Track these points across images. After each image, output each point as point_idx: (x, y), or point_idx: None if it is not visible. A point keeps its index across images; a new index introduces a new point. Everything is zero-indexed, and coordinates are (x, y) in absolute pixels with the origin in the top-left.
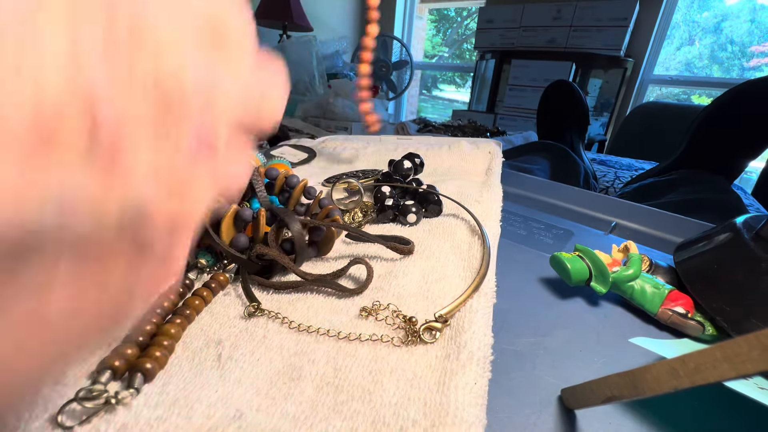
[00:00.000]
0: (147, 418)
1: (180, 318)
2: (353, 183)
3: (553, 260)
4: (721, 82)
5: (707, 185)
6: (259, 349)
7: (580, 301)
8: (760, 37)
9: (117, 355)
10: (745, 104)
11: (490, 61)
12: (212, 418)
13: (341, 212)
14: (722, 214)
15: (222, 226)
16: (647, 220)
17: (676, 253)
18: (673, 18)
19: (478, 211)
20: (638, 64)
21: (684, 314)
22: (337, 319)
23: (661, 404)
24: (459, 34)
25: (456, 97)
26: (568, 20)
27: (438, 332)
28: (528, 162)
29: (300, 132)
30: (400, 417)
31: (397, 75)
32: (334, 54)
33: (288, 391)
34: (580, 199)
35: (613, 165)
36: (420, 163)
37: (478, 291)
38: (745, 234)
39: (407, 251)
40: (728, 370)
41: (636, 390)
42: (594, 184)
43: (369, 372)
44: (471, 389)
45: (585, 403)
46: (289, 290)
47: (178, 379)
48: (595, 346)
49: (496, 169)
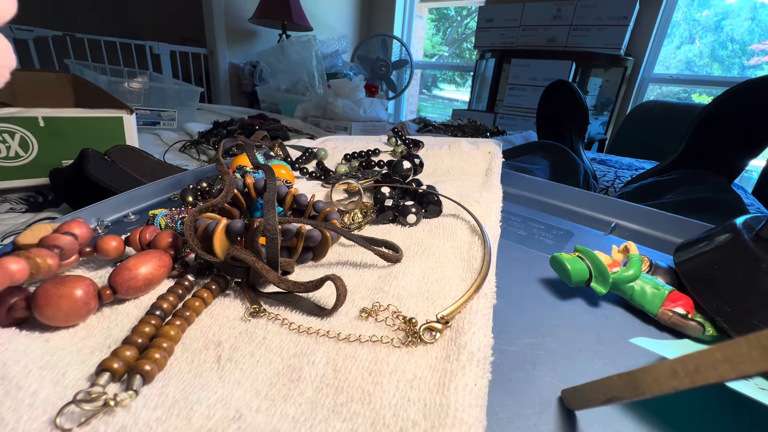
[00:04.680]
0: (146, 420)
1: (179, 319)
2: (353, 184)
3: (553, 261)
4: (722, 81)
5: (707, 185)
6: (259, 351)
7: (580, 302)
8: (760, 36)
9: (116, 357)
10: (745, 103)
11: (490, 60)
12: (212, 420)
13: (340, 214)
14: (722, 215)
15: (215, 241)
16: (647, 221)
17: (676, 254)
18: (673, 16)
19: (477, 212)
20: (638, 62)
21: (684, 315)
22: (337, 320)
23: (662, 405)
24: (459, 33)
25: (456, 96)
26: (568, 19)
27: (438, 333)
28: (528, 162)
29: (300, 132)
30: (400, 418)
31: (397, 74)
32: (333, 54)
33: (288, 393)
34: (580, 200)
35: (613, 164)
36: (420, 164)
37: (478, 292)
38: (746, 235)
39: (395, 259)
40: (728, 371)
41: (636, 391)
42: (594, 183)
43: (369, 373)
44: (471, 390)
45: (585, 403)
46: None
47: (177, 380)
48: (595, 347)
49: (496, 170)
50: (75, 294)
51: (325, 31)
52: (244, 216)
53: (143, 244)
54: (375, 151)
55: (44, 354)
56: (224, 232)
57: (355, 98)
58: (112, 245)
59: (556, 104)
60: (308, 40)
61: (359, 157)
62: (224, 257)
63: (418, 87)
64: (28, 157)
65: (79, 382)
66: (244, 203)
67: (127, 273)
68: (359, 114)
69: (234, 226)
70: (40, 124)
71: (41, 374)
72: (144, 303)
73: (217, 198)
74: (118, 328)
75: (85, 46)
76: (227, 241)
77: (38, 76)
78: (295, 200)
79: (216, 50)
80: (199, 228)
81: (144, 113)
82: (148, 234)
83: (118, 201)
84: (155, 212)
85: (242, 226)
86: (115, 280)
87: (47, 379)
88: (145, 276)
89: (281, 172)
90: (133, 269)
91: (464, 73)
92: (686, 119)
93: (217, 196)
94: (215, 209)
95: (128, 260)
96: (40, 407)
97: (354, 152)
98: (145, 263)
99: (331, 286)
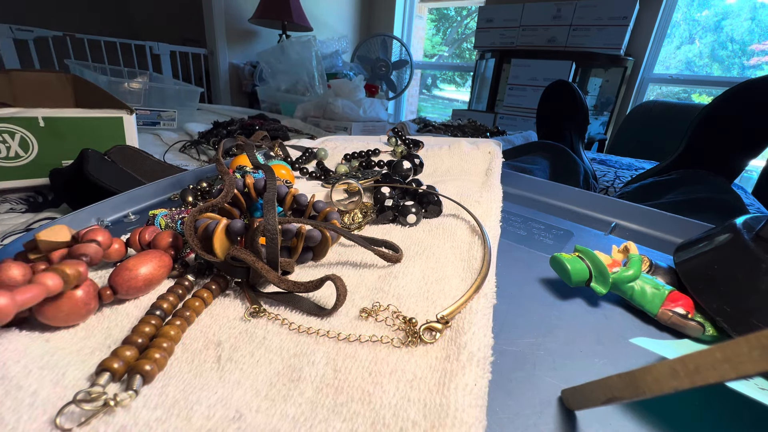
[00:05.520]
0: (146, 420)
1: (179, 319)
2: (353, 184)
3: (553, 261)
4: (722, 81)
5: (707, 185)
6: (259, 351)
7: (580, 302)
8: (760, 36)
9: (116, 357)
10: (745, 103)
11: (490, 60)
12: (212, 420)
13: (340, 214)
14: (722, 215)
15: (215, 241)
16: (647, 221)
17: (676, 254)
18: (673, 16)
19: (477, 212)
20: (638, 62)
21: (684, 315)
22: (337, 321)
23: (662, 405)
24: (459, 33)
25: (456, 96)
26: (568, 19)
27: (438, 333)
28: (528, 162)
29: (299, 132)
30: (400, 418)
31: (397, 74)
32: (333, 54)
33: (287, 393)
34: (580, 200)
35: (613, 164)
36: (419, 164)
37: (478, 292)
38: (746, 235)
39: (395, 259)
40: (728, 371)
41: (636, 391)
42: (594, 183)
43: (369, 373)
44: (471, 390)
45: (585, 404)
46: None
47: (177, 380)
48: (595, 347)
49: (496, 170)
50: (75, 294)
51: (325, 31)
52: (244, 216)
53: (143, 244)
54: (375, 151)
55: (44, 354)
56: (224, 232)
57: (355, 98)
58: (115, 248)
59: (556, 104)
60: (308, 40)
61: (359, 157)
62: (224, 257)
63: (418, 87)
64: (28, 158)
65: (79, 382)
66: (244, 203)
67: (127, 273)
68: (359, 114)
69: (234, 226)
70: (40, 125)
71: (41, 374)
72: (144, 303)
73: (217, 198)
74: (118, 328)
75: (85, 46)
76: (227, 241)
77: (38, 76)
78: (295, 200)
79: (216, 50)
80: (199, 228)
81: (144, 113)
82: (147, 234)
83: (118, 201)
84: (155, 212)
85: (242, 226)
86: (115, 281)
87: (47, 379)
88: (145, 276)
89: (281, 172)
90: (133, 269)
91: (464, 73)
92: (686, 119)
93: (217, 196)
94: (215, 209)
95: (128, 260)
96: (40, 407)
97: (354, 152)
98: (145, 263)
99: (331, 286)
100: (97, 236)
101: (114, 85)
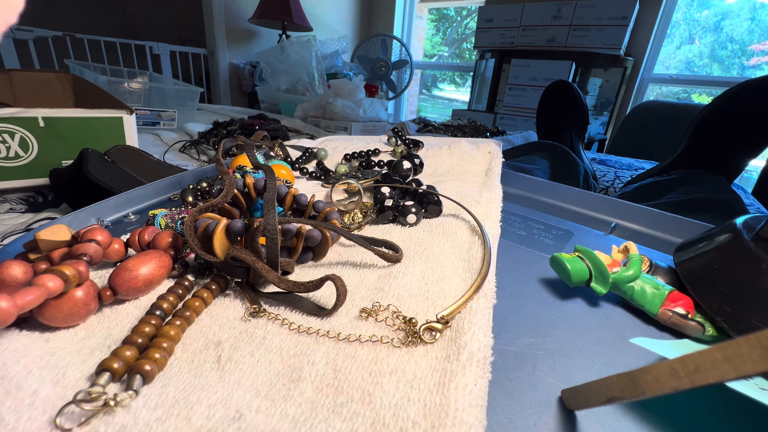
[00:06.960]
0: (146, 420)
1: (179, 319)
2: (353, 184)
3: (553, 261)
4: (721, 81)
5: (707, 185)
6: (259, 351)
7: (580, 302)
8: (760, 36)
9: (116, 357)
10: (745, 103)
11: (490, 60)
12: (212, 420)
13: (340, 214)
14: (722, 215)
15: (215, 241)
16: (647, 221)
17: (676, 254)
18: (673, 16)
19: (477, 212)
20: (638, 62)
21: (684, 315)
22: (337, 321)
23: (662, 405)
24: (459, 33)
25: (456, 96)
26: (567, 19)
27: (438, 333)
28: (528, 162)
29: (299, 132)
30: (400, 418)
31: (397, 75)
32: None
33: (287, 393)
34: (580, 200)
35: (613, 164)
36: (420, 164)
37: (478, 292)
38: (746, 235)
39: (395, 259)
40: (729, 371)
41: (636, 391)
42: (594, 183)
43: (369, 373)
44: (471, 390)
45: (585, 404)
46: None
47: (177, 380)
48: (595, 347)
49: (496, 170)
50: (75, 295)
51: (325, 31)
52: (244, 216)
53: (143, 244)
54: (375, 151)
55: (44, 354)
56: (224, 232)
57: (355, 98)
58: (114, 248)
59: (556, 104)
60: (308, 40)
61: (359, 157)
62: (224, 257)
63: (418, 87)
64: (28, 158)
65: (79, 382)
66: (244, 203)
67: (127, 274)
68: (359, 114)
69: (234, 226)
70: (40, 124)
71: (41, 374)
72: (144, 303)
73: (217, 198)
74: (118, 328)
75: (85, 46)
76: (227, 241)
77: (38, 76)
78: (295, 200)
79: (216, 50)
80: (199, 228)
81: (144, 113)
82: (147, 234)
83: (118, 201)
84: (155, 212)
85: (242, 226)
86: (115, 281)
87: (47, 379)
88: (145, 276)
89: (281, 172)
90: (133, 270)
91: (464, 74)
92: (686, 119)
93: (217, 196)
94: (215, 209)
95: (128, 261)
96: (40, 407)
97: (354, 152)
98: (145, 264)
99: (331, 286)
100: (97, 236)
101: (114, 85)
